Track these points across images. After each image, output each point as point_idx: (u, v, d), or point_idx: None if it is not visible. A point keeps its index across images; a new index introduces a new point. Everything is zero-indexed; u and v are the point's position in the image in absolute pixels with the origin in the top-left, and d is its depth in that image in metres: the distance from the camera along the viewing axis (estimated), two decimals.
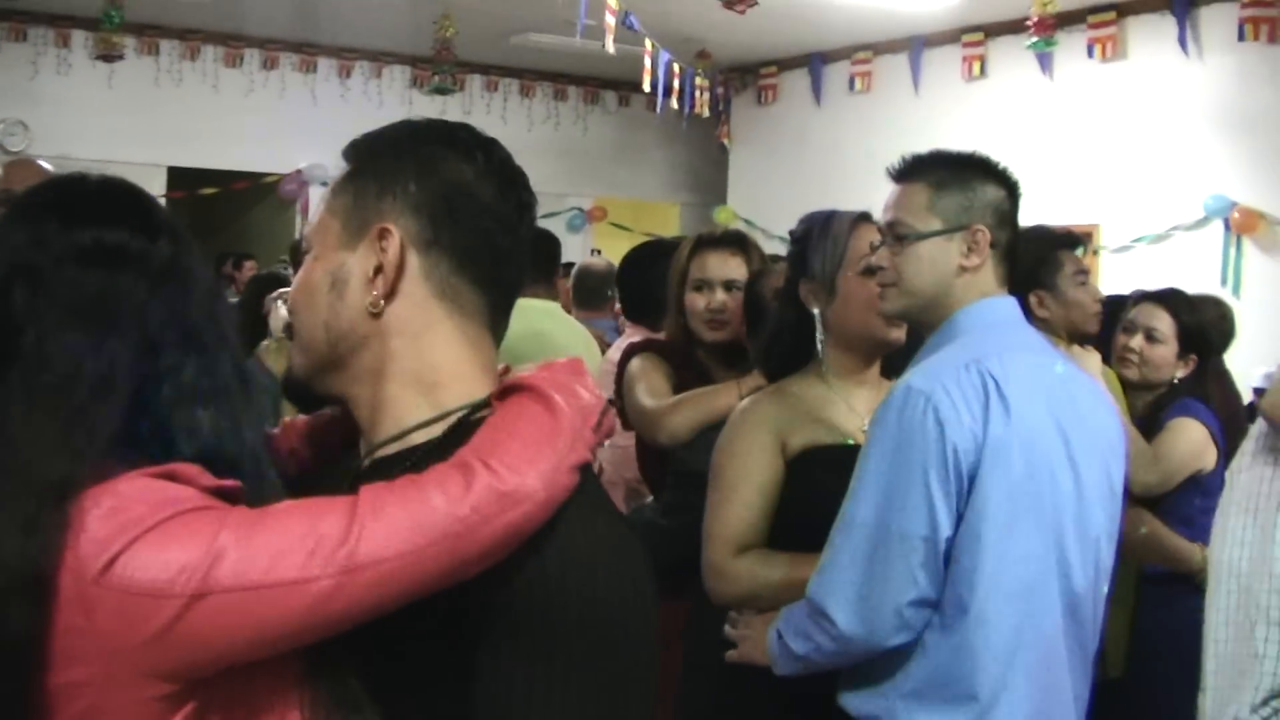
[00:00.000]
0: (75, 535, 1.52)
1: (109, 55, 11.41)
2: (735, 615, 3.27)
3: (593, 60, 12.70)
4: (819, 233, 3.45)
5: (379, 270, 1.77)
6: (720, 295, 4.31)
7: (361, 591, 1.55)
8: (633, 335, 5.01)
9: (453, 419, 1.77)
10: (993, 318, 3.04)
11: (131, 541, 1.51)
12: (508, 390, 1.73)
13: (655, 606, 1.74)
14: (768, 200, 13.27)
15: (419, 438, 1.78)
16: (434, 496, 1.58)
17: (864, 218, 3.50)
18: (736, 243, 4.45)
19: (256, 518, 1.57)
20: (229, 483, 1.64)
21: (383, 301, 1.78)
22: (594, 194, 15.63)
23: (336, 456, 1.99)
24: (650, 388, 4.27)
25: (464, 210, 1.81)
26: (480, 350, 1.84)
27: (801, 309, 3.46)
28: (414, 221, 1.79)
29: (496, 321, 1.87)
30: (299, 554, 1.53)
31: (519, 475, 1.60)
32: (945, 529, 2.83)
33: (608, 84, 15.42)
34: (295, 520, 1.57)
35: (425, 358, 1.80)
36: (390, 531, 1.55)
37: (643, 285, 5.01)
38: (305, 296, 1.85)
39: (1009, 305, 3.10)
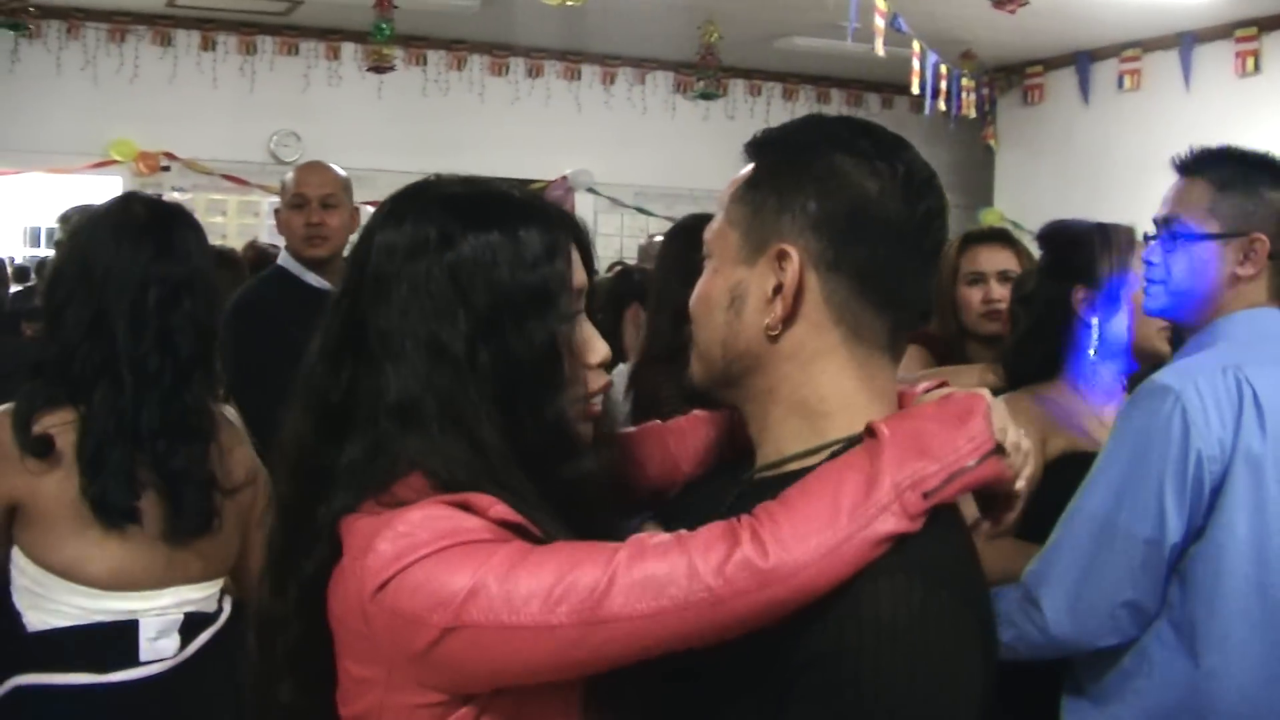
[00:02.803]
0: (365, 551, 1.64)
1: (379, 67, 11.62)
2: None
3: (856, 62, 12.61)
4: (1100, 242, 3.35)
5: (777, 291, 1.70)
6: (996, 287, 4.30)
7: (603, 644, 1.56)
8: None
9: (829, 451, 1.70)
10: (1261, 328, 2.86)
11: (406, 567, 1.60)
12: (868, 432, 1.64)
13: (976, 691, 1.60)
14: (1034, 202, 12.98)
15: (795, 466, 1.73)
16: (694, 560, 1.54)
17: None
18: (1004, 237, 4.51)
19: (520, 557, 1.60)
20: (515, 517, 1.67)
21: (780, 325, 1.71)
22: None
23: (733, 458, 1.97)
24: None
25: (866, 230, 1.70)
26: (876, 378, 1.75)
27: (1068, 314, 3.36)
28: (814, 242, 1.69)
29: (896, 343, 1.77)
30: (548, 600, 1.55)
31: (785, 551, 1.53)
32: (1174, 536, 2.68)
33: (871, 86, 15.29)
34: (554, 565, 1.59)
35: (815, 386, 1.73)
36: (638, 591, 1.55)
37: None
38: (705, 310, 1.79)
39: (1278, 318, 2.91)
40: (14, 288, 9.50)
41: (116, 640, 2.85)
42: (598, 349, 1.86)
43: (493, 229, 1.77)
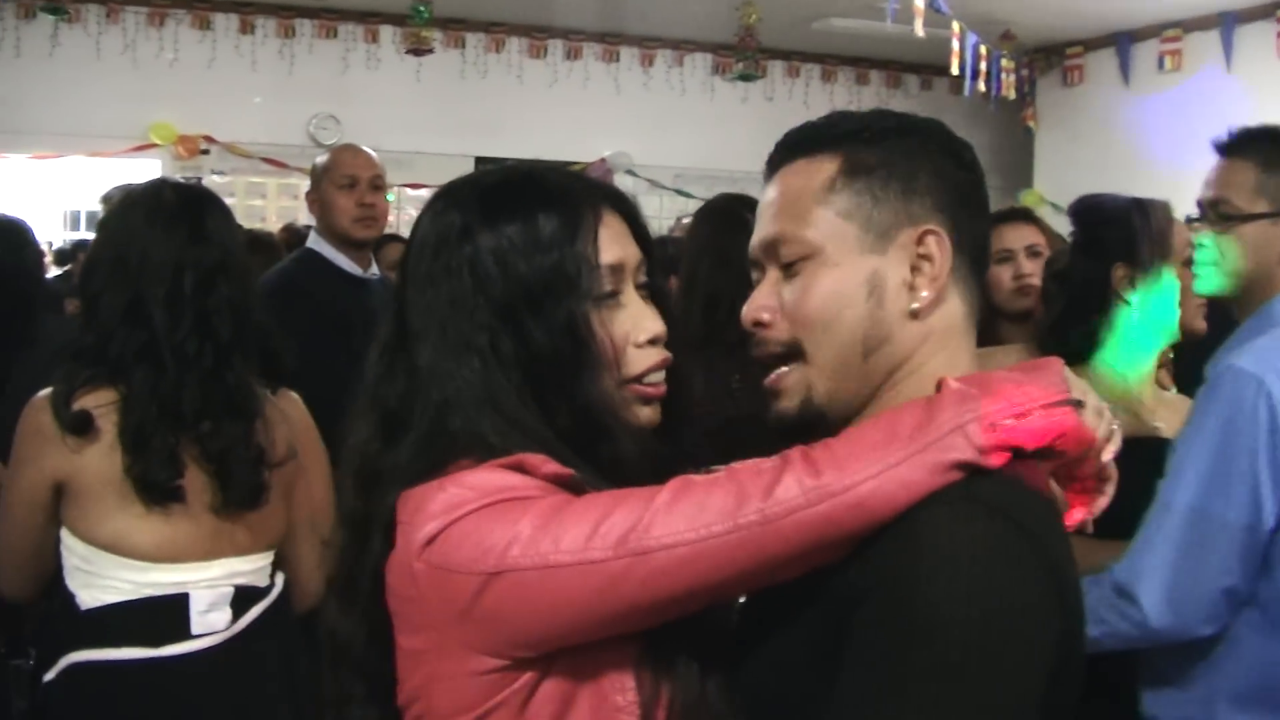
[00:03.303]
0: (416, 512, 1.64)
1: (418, 49, 11.62)
2: None
3: (894, 44, 12.55)
4: (1139, 218, 3.33)
5: (915, 270, 1.69)
6: (1025, 263, 4.29)
7: (650, 577, 1.52)
8: None
9: None
10: None
11: (453, 521, 1.59)
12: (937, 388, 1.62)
13: (1046, 639, 1.50)
14: (1075, 183, 12.77)
15: None
16: (743, 485, 1.52)
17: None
18: (1026, 214, 4.52)
19: (565, 503, 1.59)
20: (568, 472, 1.66)
21: (929, 306, 1.70)
22: None
23: None
24: None
25: (974, 205, 1.76)
26: (973, 345, 1.78)
27: (1106, 292, 3.34)
28: (945, 220, 1.70)
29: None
30: (591, 536, 1.53)
31: (837, 470, 1.49)
32: (1270, 520, 2.67)
33: (910, 68, 15.22)
34: (598, 505, 1.57)
35: (948, 358, 1.72)
36: (685, 516, 1.51)
37: None
38: (837, 308, 1.70)
39: None
40: (54, 271, 9.53)
41: (168, 614, 2.87)
42: (646, 326, 1.81)
43: (509, 218, 1.76)
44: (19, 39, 12.35)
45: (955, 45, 9.96)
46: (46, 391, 2.87)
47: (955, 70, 10.15)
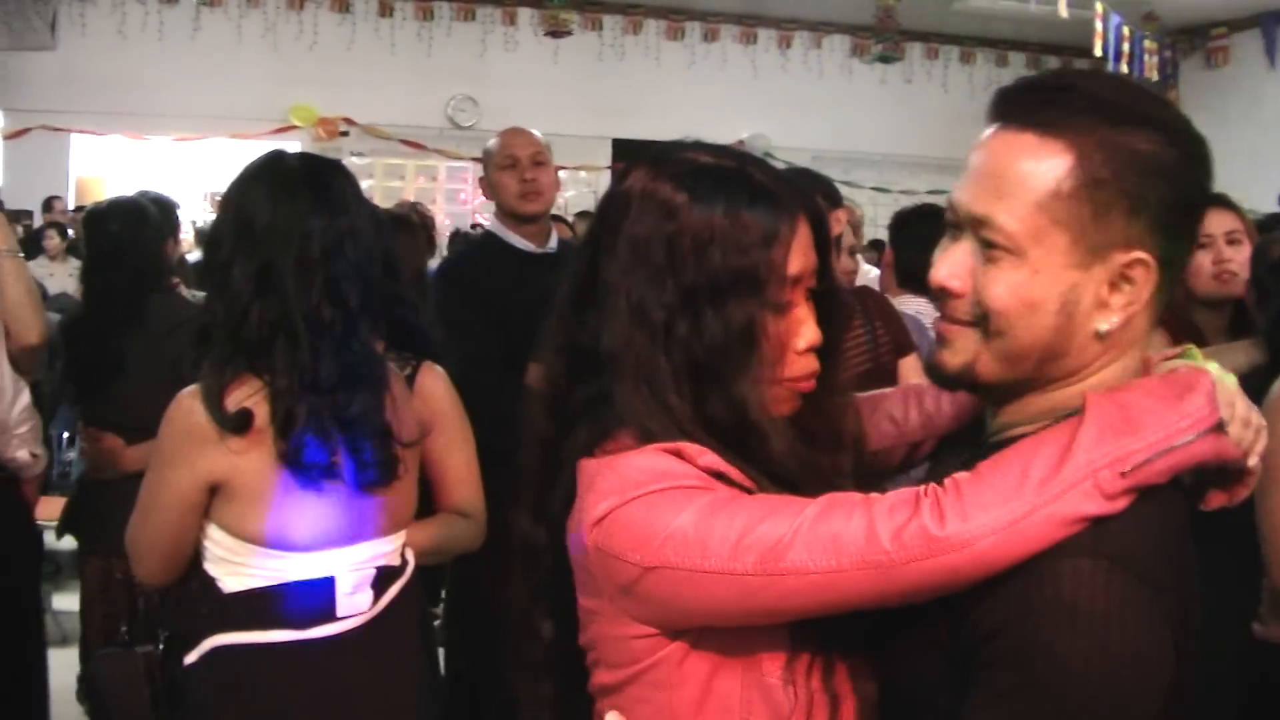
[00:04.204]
0: (588, 490, 1.77)
1: (557, 31, 11.66)
2: None
3: (1035, 25, 12.44)
4: None
5: (1113, 289, 1.64)
6: (1226, 249, 4.19)
7: (783, 596, 1.63)
8: (905, 305, 4.99)
9: (1053, 418, 1.67)
10: None
11: (618, 506, 1.71)
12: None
13: (1163, 681, 1.51)
14: (1220, 168, 12.58)
15: (1018, 432, 1.71)
16: (874, 524, 1.58)
17: None
18: (1224, 199, 4.35)
19: (720, 505, 1.68)
20: (723, 466, 1.74)
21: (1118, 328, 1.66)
22: None
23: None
24: None
25: (1191, 232, 1.71)
26: (1147, 347, 1.74)
27: None
28: (1160, 243, 1.62)
29: None
30: (738, 547, 1.63)
31: (962, 520, 1.53)
32: None
33: (1050, 49, 15.09)
34: (748, 514, 1.66)
35: (1120, 368, 1.69)
36: (821, 545, 1.59)
37: (915, 250, 4.88)
38: (1027, 314, 1.66)
39: None
40: (194, 254, 9.63)
41: (314, 598, 2.85)
42: (807, 335, 1.85)
43: (717, 207, 1.78)
44: (162, 22, 12.54)
45: (1099, 26, 9.79)
46: (194, 389, 2.83)
47: (1098, 52, 10.00)
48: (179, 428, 2.80)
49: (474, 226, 11.35)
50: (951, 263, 1.72)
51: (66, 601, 6.32)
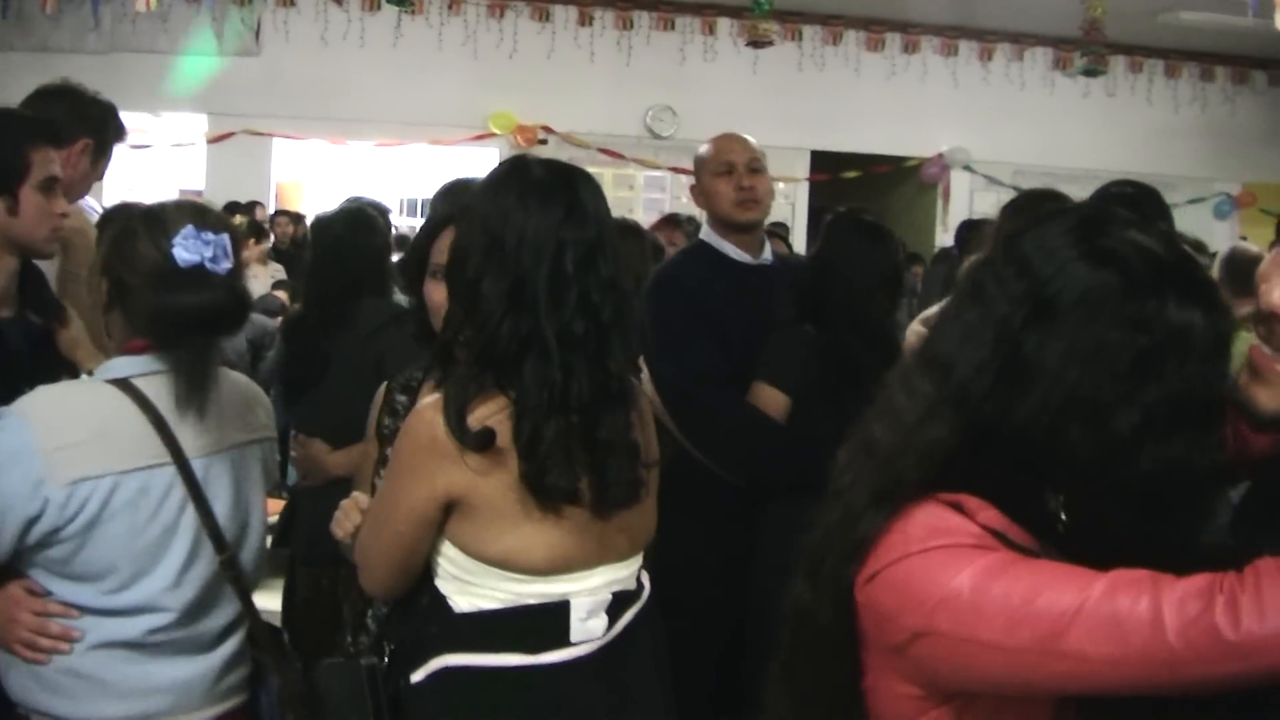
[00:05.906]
0: (876, 540, 1.72)
1: (757, 41, 11.56)
2: None
3: (1241, 38, 12.18)
4: None
5: None
6: None
7: (1057, 676, 1.55)
8: None
9: None
10: None
11: (893, 562, 1.68)
12: None
13: None
14: None
15: None
16: (1163, 613, 1.47)
17: None
18: None
19: (998, 571, 1.61)
20: (1001, 523, 1.68)
21: None
22: (1242, 179, 15.01)
23: None
24: None
25: None
26: None
27: None
28: None
29: None
30: (1013, 619, 1.56)
31: (1260, 624, 1.42)
32: None
33: (1258, 63, 14.78)
34: (1028, 584, 1.58)
35: None
36: (1103, 630, 1.50)
37: None
38: None
39: None
40: (396, 255, 9.67)
41: (548, 622, 2.79)
42: None
43: (1192, 310, 1.63)
44: (364, 29, 12.70)
45: None
46: (435, 400, 2.77)
47: None
48: (419, 440, 2.73)
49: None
50: None
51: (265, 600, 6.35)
